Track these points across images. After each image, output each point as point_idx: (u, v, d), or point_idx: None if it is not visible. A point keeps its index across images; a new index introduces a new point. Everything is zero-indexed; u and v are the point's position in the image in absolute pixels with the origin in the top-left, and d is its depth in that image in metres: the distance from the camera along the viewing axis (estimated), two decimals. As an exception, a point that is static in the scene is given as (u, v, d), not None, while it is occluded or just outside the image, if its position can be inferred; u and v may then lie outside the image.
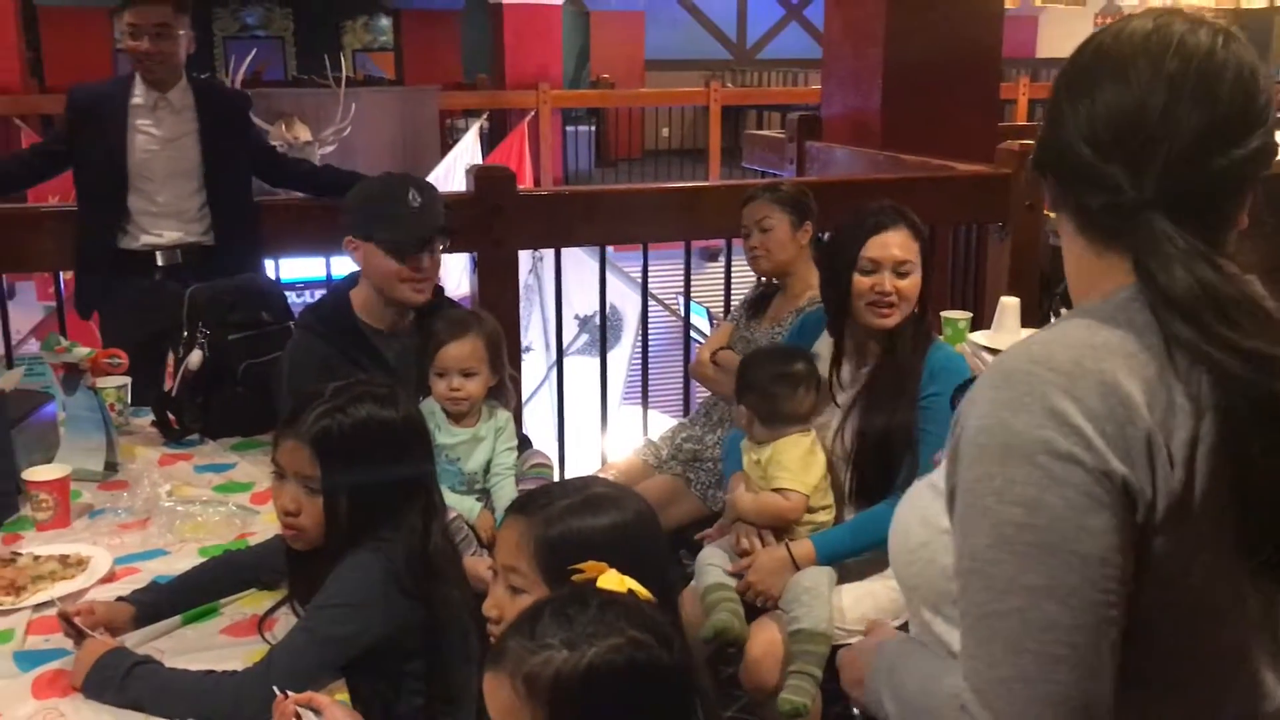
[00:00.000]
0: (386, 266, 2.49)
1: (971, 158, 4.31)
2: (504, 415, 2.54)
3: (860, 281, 2.34)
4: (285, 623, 1.79)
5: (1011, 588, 1.02)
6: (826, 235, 2.99)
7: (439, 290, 2.83)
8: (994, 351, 2.74)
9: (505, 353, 2.53)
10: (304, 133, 7.64)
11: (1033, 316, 3.45)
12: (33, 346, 3.27)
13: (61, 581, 1.95)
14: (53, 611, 1.78)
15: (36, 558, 2.01)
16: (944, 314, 3.08)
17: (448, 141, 9.78)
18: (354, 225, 2.53)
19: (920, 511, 1.25)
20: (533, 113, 9.97)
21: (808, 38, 14.82)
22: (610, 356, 6.43)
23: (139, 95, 3.25)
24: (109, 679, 1.61)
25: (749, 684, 2.26)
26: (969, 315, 3.12)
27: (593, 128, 12.00)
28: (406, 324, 2.60)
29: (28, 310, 6.26)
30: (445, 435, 2.45)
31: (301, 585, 1.79)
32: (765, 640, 2.23)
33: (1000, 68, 5.17)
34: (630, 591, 1.25)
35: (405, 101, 9.52)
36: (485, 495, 2.49)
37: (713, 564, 2.38)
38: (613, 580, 1.26)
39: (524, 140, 9.48)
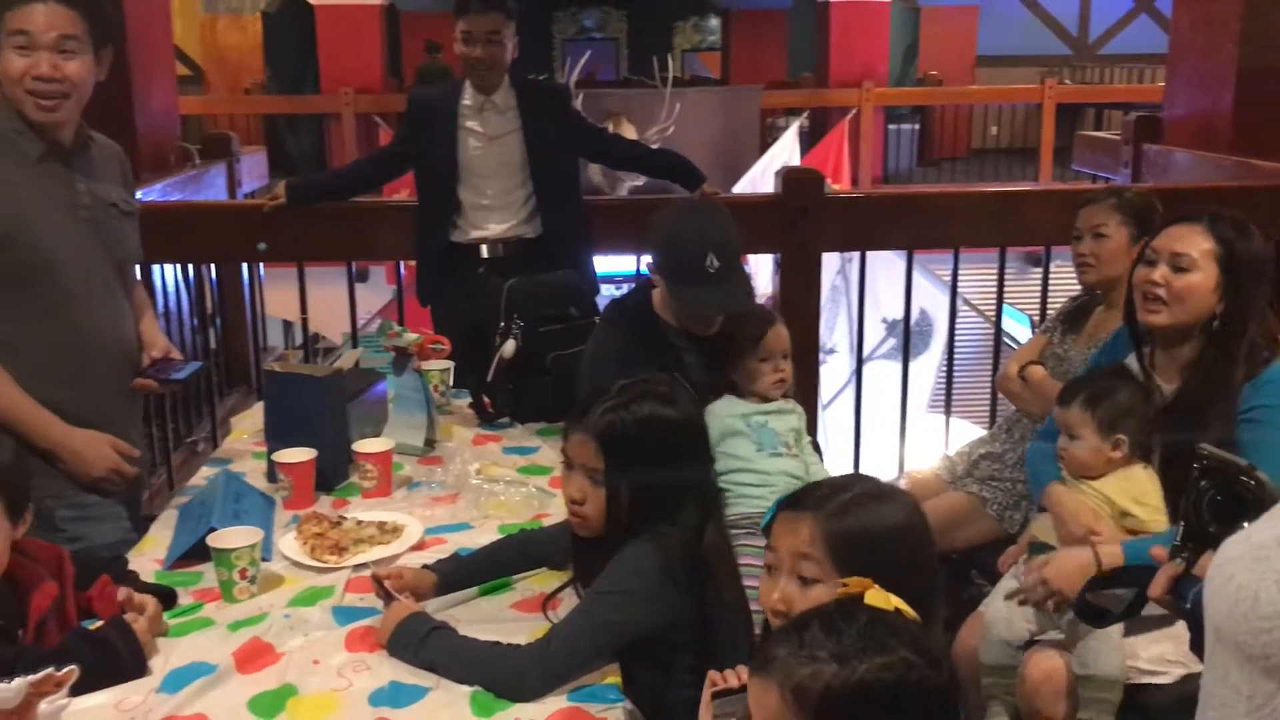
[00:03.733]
0: (679, 312, 2.56)
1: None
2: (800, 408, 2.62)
3: (1139, 272, 2.22)
4: (568, 603, 1.89)
5: None
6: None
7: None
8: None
9: None
10: (630, 132, 7.94)
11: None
12: (374, 329, 3.61)
13: (378, 546, 2.14)
14: (368, 573, 1.97)
15: (359, 522, 2.22)
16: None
17: (767, 140, 9.84)
18: (656, 263, 2.61)
19: (1277, 575, 1.11)
20: (854, 110, 9.86)
21: (1158, 31, 13.75)
22: (919, 362, 6.30)
23: (468, 97, 3.49)
24: (409, 640, 1.76)
25: (1023, 710, 2.16)
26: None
27: (916, 126, 11.72)
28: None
29: (379, 293, 6.87)
30: (743, 405, 2.53)
31: (584, 570, 1.88)
32: (1046, 669, 2.12)
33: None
34: (897, 610, 1.25)
35: (728, 100, 9.67)
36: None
37: (1000, 636, 2.24)
38: (878, 597, 1.26)
39: (844, 139, 9.39)
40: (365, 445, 2.45)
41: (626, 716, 1.65)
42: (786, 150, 8.94)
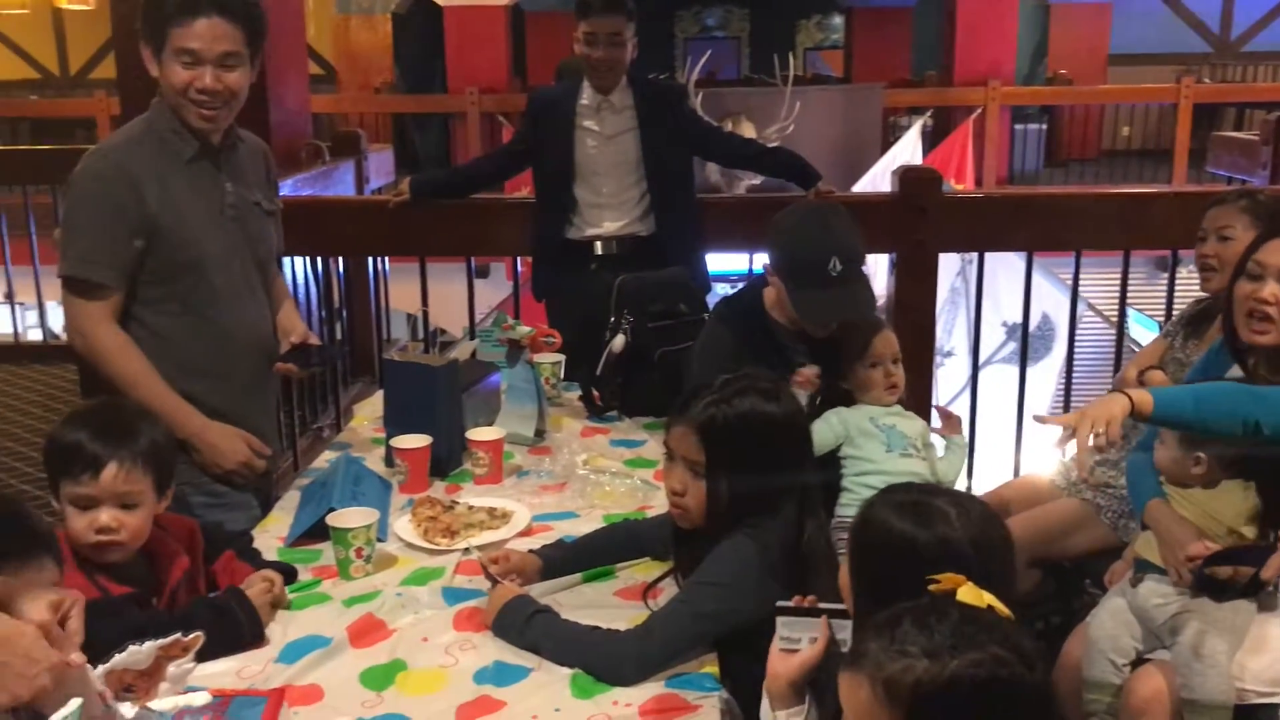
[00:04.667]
0: (799, 314, 2.56)
1: None
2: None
3: (1240, 287, 2.10)
4: (669, 593, 1.93)
5: None
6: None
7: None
8: None
9: None
10: (749, 131, 7.92)
11: None
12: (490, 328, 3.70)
13: (487, 531, 2.21)
14: (476, 556, 2.03)
15: (470, 507, 2.29)
16: None
17: (889, 139, 9.71)
18: (776, 263, 2.61)
19: None
20: (979, 110, 9.67)
21: (1309, 26, 13.14)
22: (1039, 367, 6.15)
23: (585, 97, 3.55)
24: (513, 622, 1.82)
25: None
26: None
27: (1044, 126, 11.40)
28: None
29: (498, 289, 7.02)
30: (870, 409, 2.53)
31: (685, 560, 1.91)
32: (1153, 688, 2.07)
33: None
34: (990, 607, 1.25)
35: (849, 99, 9.56)
36: None
37: (1104, 652, 2.19)
38: (971, 594, 1.26)
39: (968, 138, 9.22)
40: (478, 433, 2.53)
41: (723, 705, 1.67)
42: (908, 150, 8.82)
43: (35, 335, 6.89)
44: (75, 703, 1.35)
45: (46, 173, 5.95)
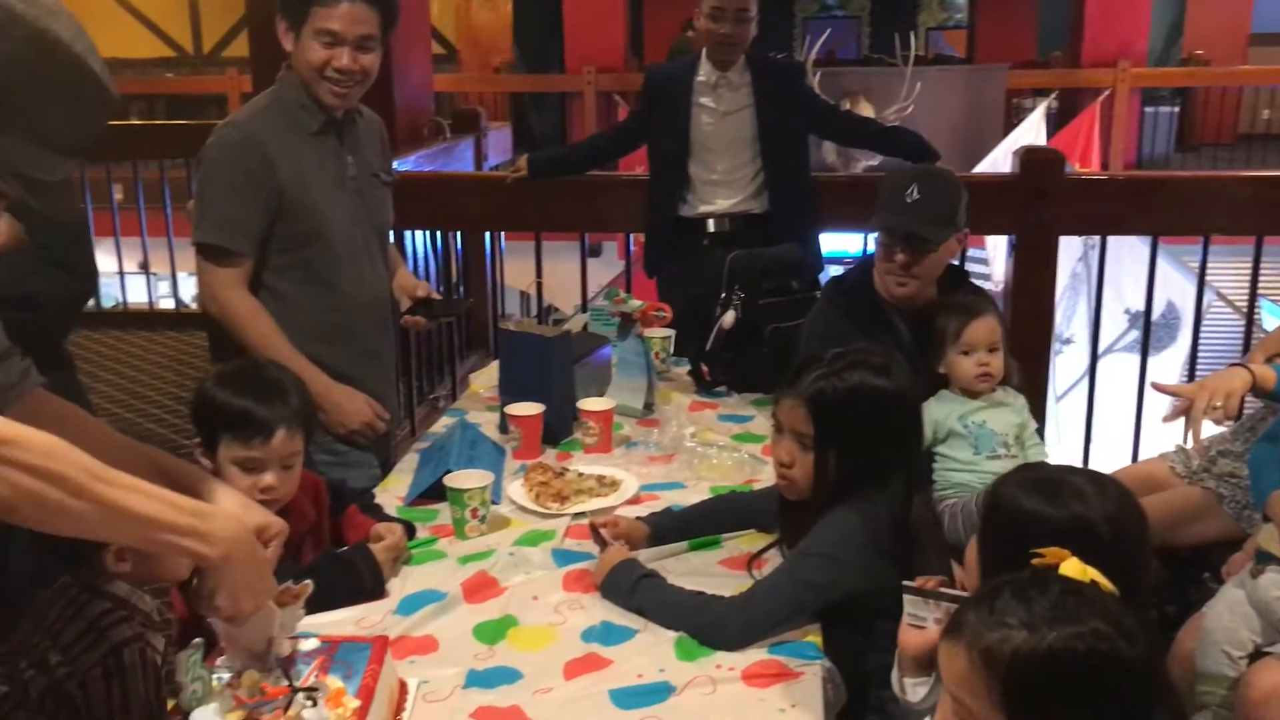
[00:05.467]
0: (878, 254, 2.57)
1: None
2: (1021, 397, 2.56)
3: None
4: (773, 564, 1.95)
5: None
6: None
7: (961, 272, 2.85)
8: None
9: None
10: (867, 111, 7.82)
11: None
12: (603, 300, 3.75)
13: (596, 498, 2.26)
14: (586, 521, 2.09)
15: (580, 475, 2.35)
16: None
17: (1011, 122, 9.48)
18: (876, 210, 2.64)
19: None
20: (1107, 92, 9.38)
21: None
22: (1163, 356, 5.97)
23: (703, 73, 3.56)
24: (621, 584, 1.86)
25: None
26: None
27: (1176, 109, 11.00)
28: (927, 302, 2.65)
29: (609, 267, 7.09)
30: (960, 405, 2.50)
31: (790, 532, 1.93)
32: (1271, 682, 2.01)
33: None
34: (1093, 582, 1.25)
35: (971, 80, 9.36)
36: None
37: (1219, 644, 2.14)
38: (1074, 568, 1.26)
39: (1094, 121, 8.95)
40: (589, 404, 2.58)
41: (825, 674, 1.69)
42: (1032, 132, 8.60)
43: (167, 304, 7.21)
44: (196, 643, 1.44)
45: (181, 147, 6.21)
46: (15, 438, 1.25)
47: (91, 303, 6.82)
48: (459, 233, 4.69)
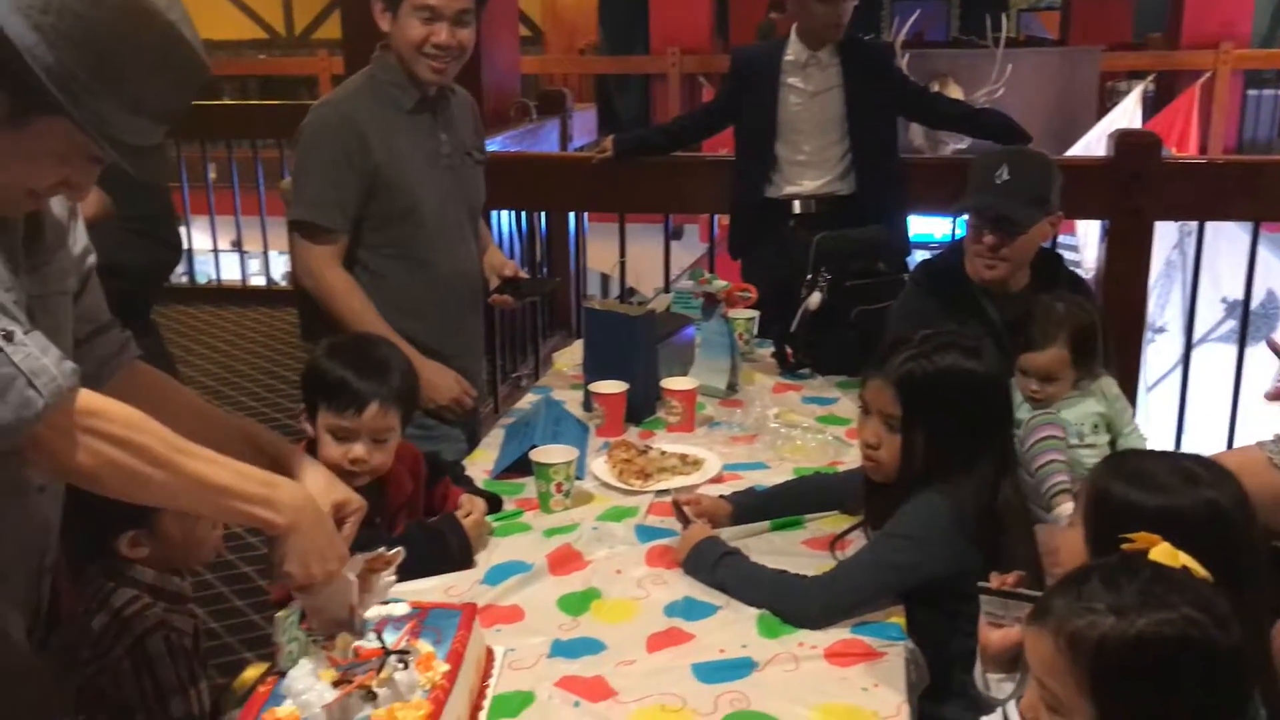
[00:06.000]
0: (967, 236, 2.54)
1: None
2: (1110, 380, 2.48)
3: None
4: (856, 546, 1.95)
5: None
6: None
7: (1056, 257, 2.80)
8: None
9: (1100, 342, 2.42)
10: (956, 93, 7.68)
11: None
12: (686, 282, 3.73)
13: (679, 476, 2.27)
14: (669, 499, 2.10)
15: (663, 453, 2.36)
16: None
17: (1105, 105, 9.25)
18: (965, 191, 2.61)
19: None
20: (1208, 74, 9.10)
21: None
22: (1262, 347, 5.78)
23: (791, 53, 3.53)
24: (704, 561, 1.87)
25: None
26: None
27: (1280, 92, 10.63)
28: (1020, 286, 2.62)
29: (691, 250, 7.08)
30: None
31: (875, 513, 1.92)
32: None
33: None
34: (1184, 568, 1.22)
35: (1064, 63, 9.13)
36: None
37: None
38: (1165, 553, 1.24)
39: (1193, 105, 8.70)
40: (672, 383, 2.60)
41: (908, 655, 1.69)
42: (1127, 116, 8.39)
43: (259, 281, 7.38)
44: (294, 605, 1.48)
45: (273, 128, 6.35)
46: (100, 409, 1.32)
47: (186, 278, 7.06)
48: (544, 214, 4.73)
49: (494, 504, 2.12)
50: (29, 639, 1.48)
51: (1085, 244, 6.21)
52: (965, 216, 2.66)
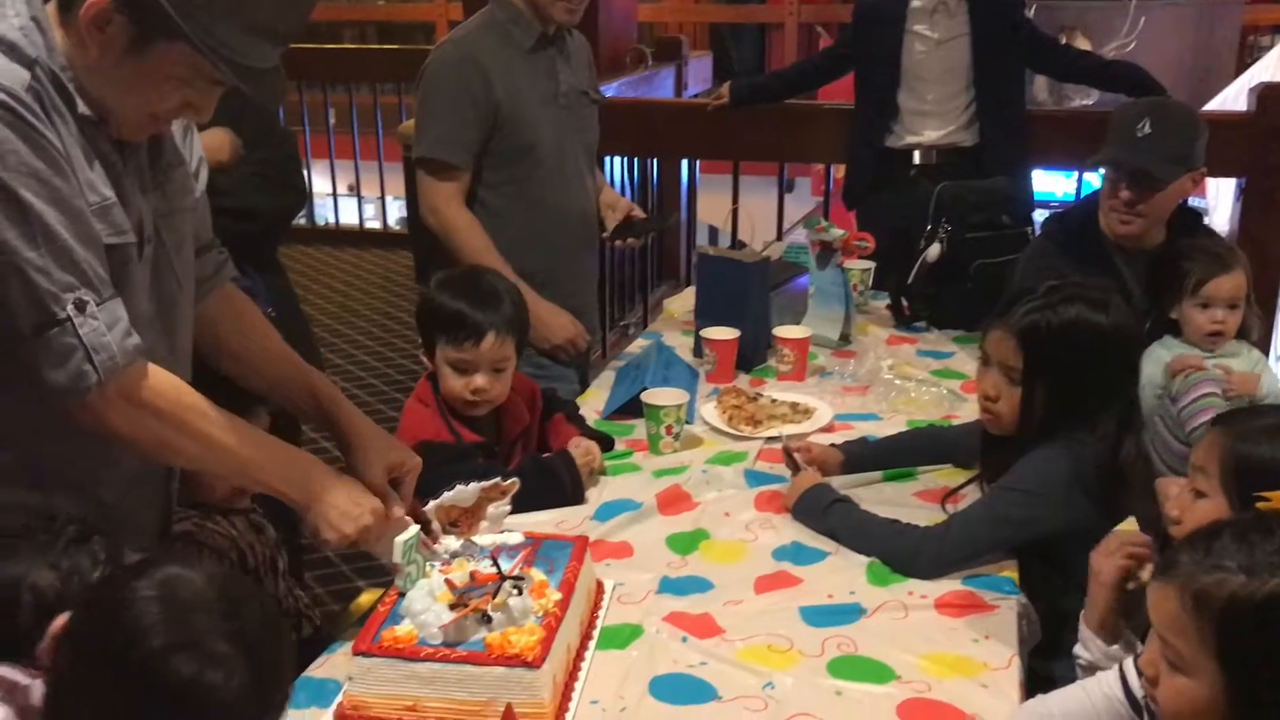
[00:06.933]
0: (1103, 189, 2.45)
1: None
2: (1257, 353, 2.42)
3: None
4: (970, 499, 1.91)
5: None
6: None
7: (1194, 214, 2.70)
8: None
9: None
10: (1084, 46, 7.44)
11: None
12: (798, 235, 3.68)
13: (789, 424, 2.26)
14: (779, 445, 2.10)
15: (773, 400, 2.35)
16: None
17: (1245, 61, 8.83)
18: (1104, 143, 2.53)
19: None
20: (1359, 29, 8.62)
21: None
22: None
23: (918, 0, 3.44)
24: (813, 507, 1.87)
25: None
26: None
27: None
28: (1155, 244, 2.53)
29: (801, 203, 7.01)
30: (1185, 353, 2.38)
31: (991, 466, 1.89)
32: None
33: None
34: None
35: (1201, 16, 8.72)
36: None
37: None
38: (1305, 515, 1.20)
39: (1341, 61, 8.24)
40: (785, 331, 2.58)
41: (1020, 610, 1.66)
42: (1269, 71, 7.97)
43: (374, 224, 7.52)
44: (413, 529, 1.52)
45: (393, 70, 6.44)
46: (149, 385, 1.39)
47: (305, 220, 7.22)
48: (655, 161, 4.72)
49: (605, 444, 2.14)
50: None
51: (1216, 205, 5.96)
52: (1101, 170, 2.57)
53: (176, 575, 1.14)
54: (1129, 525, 1.66)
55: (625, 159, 4.43)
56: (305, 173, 5.48)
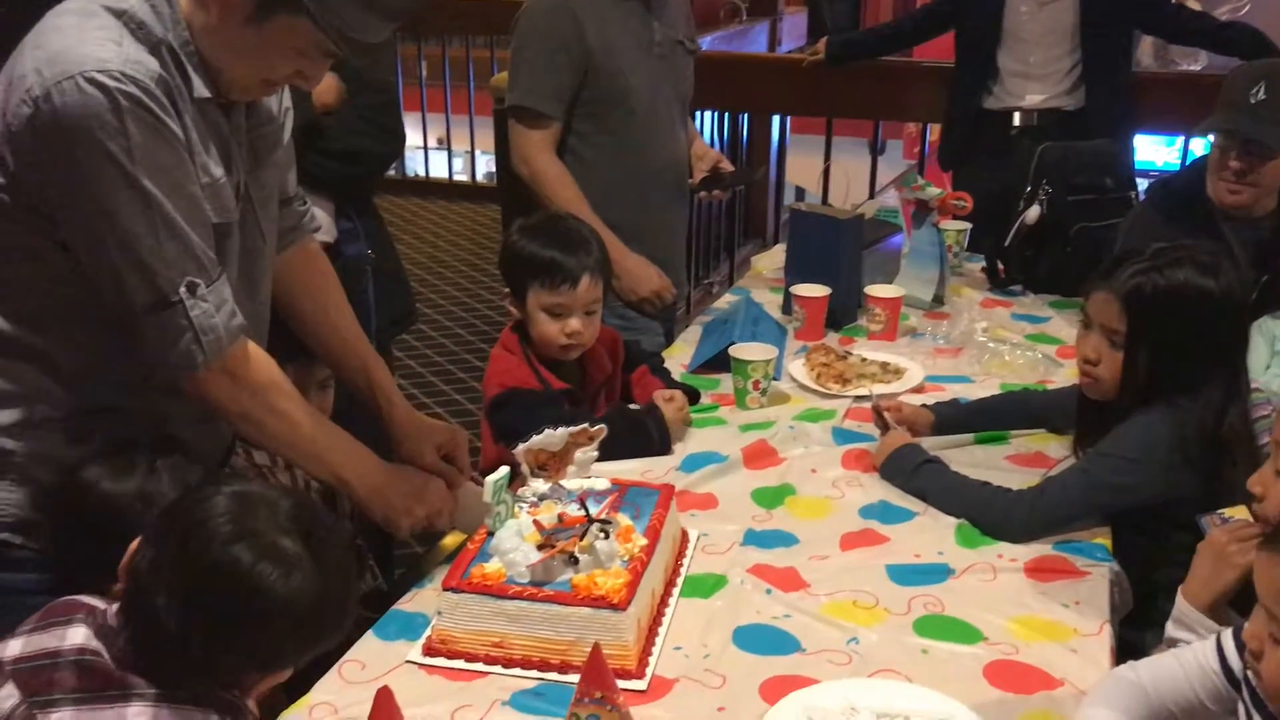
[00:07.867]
0: (1212, 156, 2.36)
1: None
2: None
3: None
4: (1065, 465, 1.87)
5: None
6: None
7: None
8: None
9: None
10: (1195, 7, 7.19)
11: None
12: (888, 198, 3.62)
13: (879, 383, 2.23)
14: (868, 404, 2.07)
15: (863, 359, 2.33)
16: None
17: (1367, 26, 8.43)
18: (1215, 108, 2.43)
19: None
20: None
21: None
22: None
23: None
24: (902, 467, 1.85)
25: None
26: None
27: None
28: (1265, 213, 2.44)
29: (893, 165, 6.89)
30: None
31: (1088, 432, 1.85)
32: None
33: None
34: None
35: (1322, -22, 8.38)
36: None
37: None
38: None
39: None
40: (877, 290, 2.54)
41: (1113, 577, 1.63)
42: (1391, 38, 7.64)
43: (463, 178, 7.58)
44: (503, 470, 1.53)
45: (486, 23, 6.45)
46: (249, 363, 1.46)
47: (394, 171, 7.31)
48: (746, 116, 4.67)
49: (691, 397, 2.14)
50: None
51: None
52: (1209, 137, 2.48)
53: (251, 485, 1.22)
54: (1241, 511, 1.60)
55: (716, 114, 4.40)
56: (400, 122, 5.54)
